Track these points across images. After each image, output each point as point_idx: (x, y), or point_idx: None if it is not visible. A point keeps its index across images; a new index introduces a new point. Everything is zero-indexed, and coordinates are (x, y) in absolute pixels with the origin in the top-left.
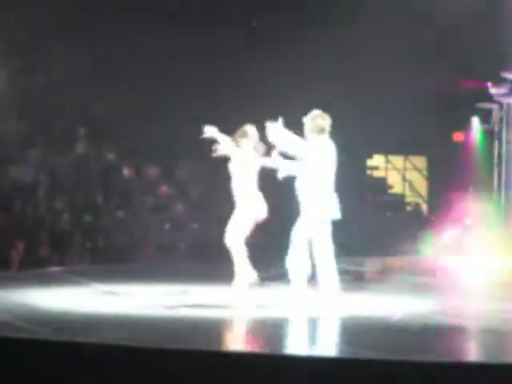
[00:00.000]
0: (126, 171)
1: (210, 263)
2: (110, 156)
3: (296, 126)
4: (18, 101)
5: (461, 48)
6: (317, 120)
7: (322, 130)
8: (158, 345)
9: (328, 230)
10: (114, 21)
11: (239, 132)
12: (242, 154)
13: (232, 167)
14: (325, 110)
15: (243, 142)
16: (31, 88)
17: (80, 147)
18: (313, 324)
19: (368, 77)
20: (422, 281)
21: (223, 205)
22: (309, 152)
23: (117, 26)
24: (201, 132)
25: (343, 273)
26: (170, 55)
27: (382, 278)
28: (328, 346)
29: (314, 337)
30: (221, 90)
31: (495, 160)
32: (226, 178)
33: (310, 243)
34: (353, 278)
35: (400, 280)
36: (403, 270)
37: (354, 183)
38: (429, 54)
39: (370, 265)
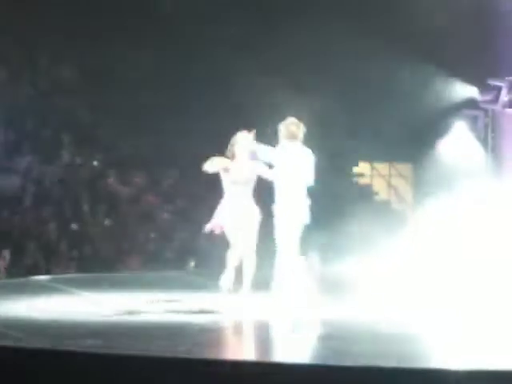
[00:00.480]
0: (112, 180)
1: (197, 272)
2: (97, 165)
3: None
4: (4, 110)
5: (448, 54)
6: (289, 127)
7: (294, 137)
8: (145, 353)
9: (297, 236)
10: (102, 30)
11: (231, 141)
12: (235, 171)
13: (226, 182)
14: (311, 118)
15: (235, 149)
16: (18, 97)
17: (66, 156)
18: (294, 330)
19: (354, 85)
20: (400, 286)
21: (210, 214)
22: (276, 158)
23: (104, 36)
24: (187, 141)
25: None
26: (157, 64)
27: (364, 285)
28: (312, 353)
29: (297, 344)
30: (208, 99)
31: (481, 166)
32: (213, 186)
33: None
34: (333, 285)
35: (381, 287)
36: (384, 276)
37: (340, 191)
38: (415, 60)
39: (354, 271)
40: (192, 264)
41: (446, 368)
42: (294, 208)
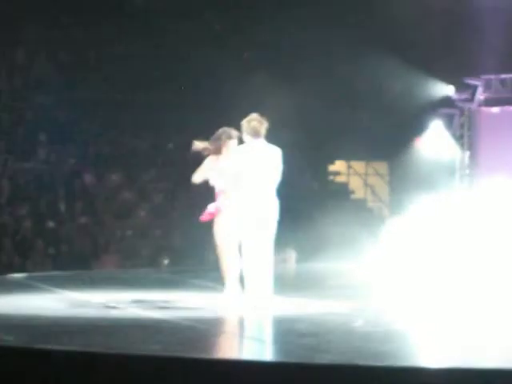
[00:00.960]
0: (88, 177)
1: (171, 269)
2: (73, 162)
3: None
4: None
5: (424, 53)
6: (252, 123)
7: (256, 133)
8: (123, 351)
9: (272, 234)
10: (80, 26)
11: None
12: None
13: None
14: (288, 116)
15: (222, 144)
16: None
17: (42, 153)
18: (264, 328)
19: (330, 84)
20: (376, 285)
21: (186, 211)
22: (242, 156)
23: (82, 32)
24: (164, 138)
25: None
26: (136, 61)
27: (337, 282)
28: (285, 350)
29: (273, 341)
30: (186, 96)
31: (457, 165)
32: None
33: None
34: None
35: (356, 285)
36: (359, 274)
37: (316, 189)
38: (391, 58)
39: (329, 270)
40: (165, 262)
41: (423, 366)
42: (265, 206)
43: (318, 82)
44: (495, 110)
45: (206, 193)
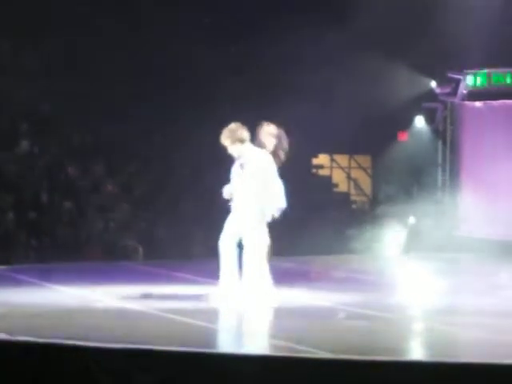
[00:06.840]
0: (71, 169)
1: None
2: (56, 153)
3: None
4: None
5: (406, 47)
6: (240, 130)
7: (242, 140)
8: (103, 343)
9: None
10: (63, 17)
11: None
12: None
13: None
14: (270, 110)
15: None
16: None
17: (25, 144)
18: (249, 320)
19: (312, 76)
20: (360, 279)
21: (170, 204)
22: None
23: (66, 23)
24: (147, 129)
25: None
26: (120, 52)
27: (322, 276)
28: (269, 343)
29: (249, 334)
30: (171, 88)
31: (439, 159)
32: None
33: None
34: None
35: (340, 278)
36: (343, 268)
37: (299, 182)
38: (375, 53)
39: (312, 263)
40: (140, 252)
41: (404, 360)
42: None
43: (302, 75)
44: (478, 104)
45: (191, 186)
